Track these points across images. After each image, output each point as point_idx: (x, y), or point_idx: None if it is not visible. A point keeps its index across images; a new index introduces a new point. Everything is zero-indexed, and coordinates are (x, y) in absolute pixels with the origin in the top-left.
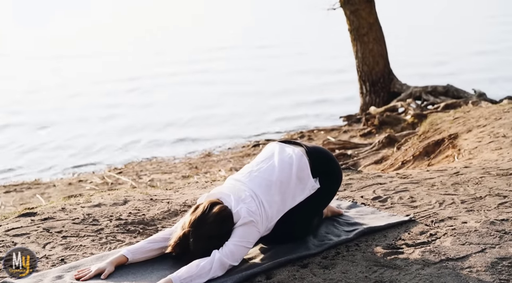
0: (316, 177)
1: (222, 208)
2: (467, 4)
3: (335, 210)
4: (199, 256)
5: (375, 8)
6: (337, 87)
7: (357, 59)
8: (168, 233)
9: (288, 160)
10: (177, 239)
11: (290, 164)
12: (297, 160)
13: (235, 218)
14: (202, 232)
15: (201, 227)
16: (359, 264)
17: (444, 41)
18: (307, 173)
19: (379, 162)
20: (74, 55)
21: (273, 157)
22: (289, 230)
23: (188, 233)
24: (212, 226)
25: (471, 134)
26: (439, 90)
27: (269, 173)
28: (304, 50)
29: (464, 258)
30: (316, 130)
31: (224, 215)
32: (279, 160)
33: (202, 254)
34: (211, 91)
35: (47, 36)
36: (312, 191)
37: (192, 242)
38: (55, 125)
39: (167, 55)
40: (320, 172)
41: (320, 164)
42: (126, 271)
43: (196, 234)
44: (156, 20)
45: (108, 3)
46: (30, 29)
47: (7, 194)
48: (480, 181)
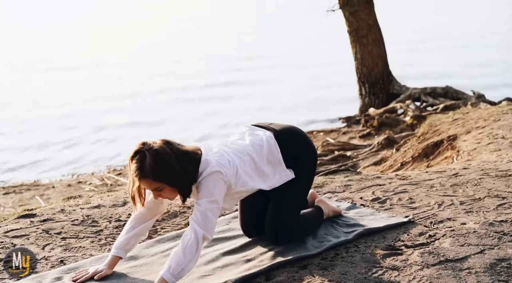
0: (291, 164)
1: (194, 147)
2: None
3: (336, 209)
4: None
5: (375, 10)
6: (336, 88)
7: (356, 60)
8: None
9: (259, 142)
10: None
11: (261, 146)
12: (267, 144)
13: (203, 165)
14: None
15: (171, 145)
16: (358, 265)
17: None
18: (278, 158)
19: (378, 163)
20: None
21: (244, 138)
22: (276, 220)
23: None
24: (180, 152)
25: (470, 136)
26: (438, 92)
27: (242, 149)
28: (303, 50)
29: (463, 259)
30: (315, 131)
31: (194, 152)
32: (250, 141)
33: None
34: (208, 91)
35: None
36: (286, 179)
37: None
38: (54, 126)
39: (179, 61)
40: (293, 156)
41: (292, 147)
42: (124, 274)
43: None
44: (155, 30)
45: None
46: (31, 33)
47: (6, 196)
48: (479, 183)
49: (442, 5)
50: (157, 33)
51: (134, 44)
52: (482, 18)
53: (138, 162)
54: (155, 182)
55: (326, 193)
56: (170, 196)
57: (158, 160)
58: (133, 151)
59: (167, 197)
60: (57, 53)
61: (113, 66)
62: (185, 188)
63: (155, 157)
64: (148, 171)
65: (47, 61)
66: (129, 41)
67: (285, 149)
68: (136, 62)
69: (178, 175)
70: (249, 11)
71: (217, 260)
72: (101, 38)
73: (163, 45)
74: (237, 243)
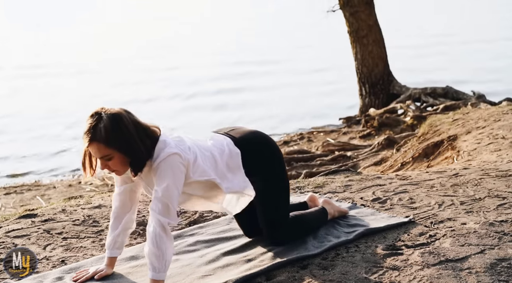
0: (255, 169)
1: (153, 125)
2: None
3: (342, 209)
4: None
5: (375, 10)
6: (336, 88)
7: (356, 61)
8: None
9: (220, 146)
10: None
11: (222, 150)
12: (228, 149)
13: (160, 145)
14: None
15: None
16: (358, 265)
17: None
18: (238, 165)
19: (378, 163)
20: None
21: (207, 141)
22: (264, 220)
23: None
24: (139, 123)
25: (470, 136)
26: (438, 92)
27: (204, 145)
28: (303, 50)
29: (464, 259)
30: (316, 132)
31: (153, 128)
32: (212, 143)
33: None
34: (210, 92)
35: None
36: (245, 188)
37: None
38: (55, 126)
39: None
40: (256, 161)
41: (253, 153)
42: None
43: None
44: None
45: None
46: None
47: (7, 196)
48: (479, 183)
49: (443, 5)
50: (157, 35)
51: (133, 46)
52: (482, 19)
53: (93, 123)
54: (106, 147)
55: (326, 193)
56: (119, 168)
57: (114, 124)
58: (90, 113)
59: (115, 169)
60: (60, 56)
61: (114, 68)
62: (138, 160)
63: (112, 120)
64: (102, 134)
65: (53, 64)
66: (128, 42)
67: (246, 155)
68: (135, 66)
69: (133, 144)
70: (249, 12)
71: (218, 260)
72: (101, 40)
73: (162, 48)
74: (238, 243)
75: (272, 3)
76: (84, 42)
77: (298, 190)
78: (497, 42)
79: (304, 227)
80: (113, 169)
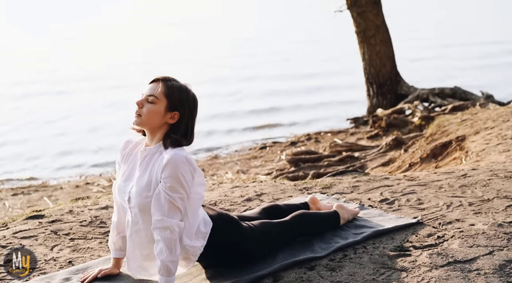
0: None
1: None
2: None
3: (354, 211)
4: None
5: (382, 10)
6: (344, 89)
7: (364, 61)
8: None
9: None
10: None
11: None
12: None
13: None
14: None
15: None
16: (366, 267)
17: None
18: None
19: (386, 164)
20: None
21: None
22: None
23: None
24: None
25: (478, 136)
26: (446, 92)
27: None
28: (310, 51)
29: (472, 261)
30: (323, 133)
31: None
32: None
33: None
34: (215, 92)
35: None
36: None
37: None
38: (62, 128)
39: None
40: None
41: (221, 234)
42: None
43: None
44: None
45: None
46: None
47: (15, 197)
48: (488, 183)
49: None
50: (162, 38)
51: (138, 49)
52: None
53: (169, 77)
54: (163, 94)
55: (334, 194)
56: (148, 116)
57: (185, 91)
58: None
59: (143, 114)
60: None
61: (119, 70)
62: (176, 131)
63: (186, 89)
64: (172, 85)
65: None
66: (133, 45)
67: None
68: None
69: (183, 115)
70: (256, 11)
71: None
72: (105, 44)
73: (168, 50)
74: None
75: (278, 4)
76: (87, 47)
77: (305, 191)
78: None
79: (307, 224)
80: (142, 112)
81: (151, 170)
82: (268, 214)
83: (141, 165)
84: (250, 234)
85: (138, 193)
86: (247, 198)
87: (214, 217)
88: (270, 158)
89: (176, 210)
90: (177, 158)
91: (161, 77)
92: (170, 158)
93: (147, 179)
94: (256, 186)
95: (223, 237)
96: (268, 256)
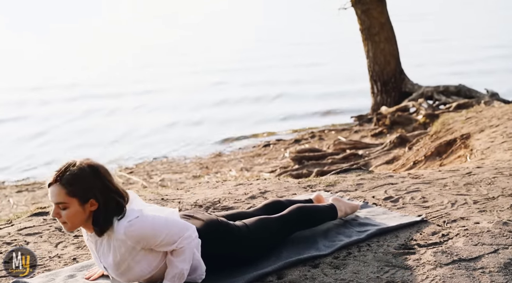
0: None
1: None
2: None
3: (352, 205)
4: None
5: (387, 8)
6: (348, 87)
7: (368, 58)
8: None
9: None
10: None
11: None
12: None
13: (129, 212)
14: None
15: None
16: (370, 265)
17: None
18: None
19: (390, 162)
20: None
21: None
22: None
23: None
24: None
25: (483, 134)
26: (451, 90)
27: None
28: (314, 48)
29: (477, 259)
30: (327, 130)
31: (122, 193)
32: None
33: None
34: (218, 90)
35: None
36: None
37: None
38: (63, 126)
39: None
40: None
41: (213, 244)
42: None
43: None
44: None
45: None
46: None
47: (19, 194)
48: (492, 182)
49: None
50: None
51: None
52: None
53: (63, 167)
54: (66, 195)
55: (338, 192)
56: (70, 222)
57: (84, 174)
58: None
59: (66, 222)
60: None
61: (128, 66)
62: (100, 219)
63: (84, 170)
64: (68, 178)
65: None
66: (141, 44)
67: (208, 244)
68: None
69: (96, 197)
70: (261, 10)
71: None
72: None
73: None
74: None
75: (282, 2)
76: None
77: (309, 189)
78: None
79: (307, 219)
80: (64, 220)
81: (112, 251)
82: (270, 209)
83: (98, 250)
84: (244, 233)
85: (111, 269)
86: (251, 195)
87: (200, 230)
88: (274, 156)
89: (174, 236)
90: (127, 230)
91: (53, 178)
92: (124, 234)
93: (112, 259)
94: (260, 184)
95: (215, 247)
96: (272, 254)
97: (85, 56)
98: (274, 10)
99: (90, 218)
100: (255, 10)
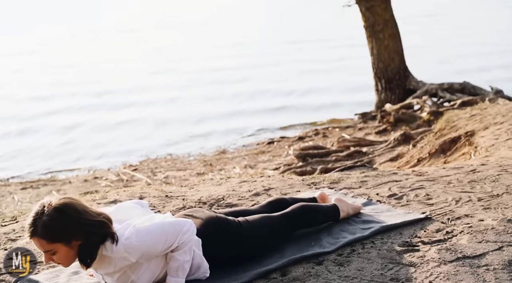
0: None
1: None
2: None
3: (355, 206)
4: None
5: (391, 5)
6: (352, 83)
7: (372, 56)
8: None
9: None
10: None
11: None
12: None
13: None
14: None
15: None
16: (374, 262)
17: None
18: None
19: (394, 159)
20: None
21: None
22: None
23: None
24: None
25: (488, 132)
26: (455, 87)
27: None
28: (319, 45)
29: (481, 256)
30: (331, 128)
31: (101, 219)
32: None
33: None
34: (224, 88)
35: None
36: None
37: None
38: (73, 125)
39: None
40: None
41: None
42: None
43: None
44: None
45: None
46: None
47: (24, 191)
48: (497, 179)
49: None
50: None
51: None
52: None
53: (34, 218)
54: (48, 243)
55: (342, 189)
56: (64, 262)
57: (56, 218)
58: (34, 207)
59: (61, 262)
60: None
61: (128, 66)
62: (86, 253)
63: (54, 214)
64: (42, 229)
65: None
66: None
67: (208, 241)
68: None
69: (78, 236)
70: (262, 8)
71: None
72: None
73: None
74: None
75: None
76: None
77: (313, 186)
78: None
79: (308, 218)
80: (58, 262)
81: (112, 269)
82: (274, 207)
83: (98, 272)
84: (245, 229)
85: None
86: (255, 192)
87: (200, 229)
88: (278, 153)
89: (173, 236)
90: (127, 248)
91: (29, 233)
92: (125, 252)
93: (118, 276)
94: (264, 181)
95: (216, 245)
96: (275, 251)
97: (84, 56)
98: (275, 11)
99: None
100: (255, 11)
